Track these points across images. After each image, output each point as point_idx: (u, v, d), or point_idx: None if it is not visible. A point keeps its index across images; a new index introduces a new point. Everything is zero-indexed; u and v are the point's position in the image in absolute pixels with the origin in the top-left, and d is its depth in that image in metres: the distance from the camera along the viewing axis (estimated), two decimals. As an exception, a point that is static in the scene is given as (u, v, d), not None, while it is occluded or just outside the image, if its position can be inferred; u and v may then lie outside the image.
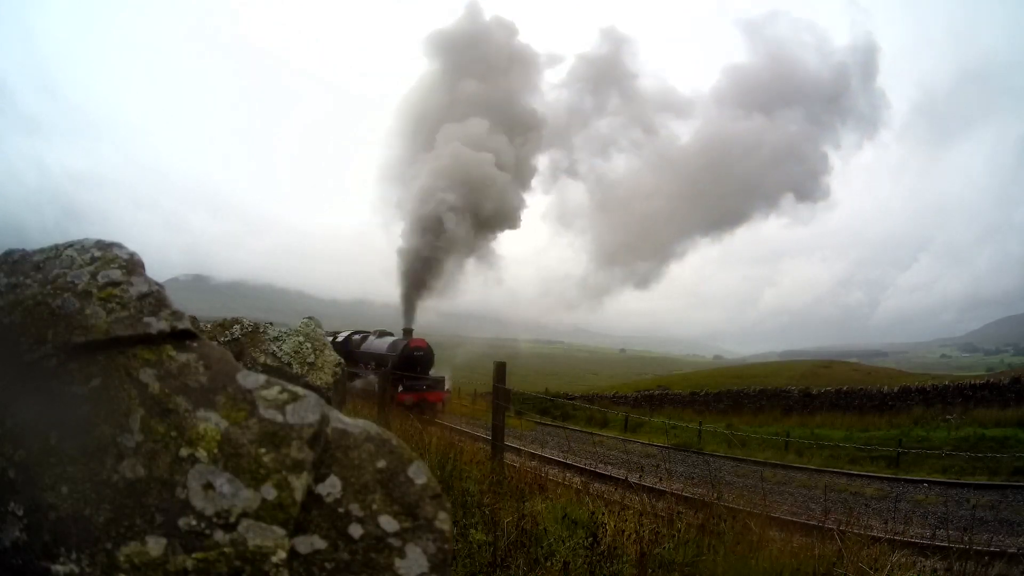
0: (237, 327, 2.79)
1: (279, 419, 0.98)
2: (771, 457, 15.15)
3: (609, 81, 46.30)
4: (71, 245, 1.15)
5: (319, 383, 2.77)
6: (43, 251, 1.15)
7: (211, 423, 0.97)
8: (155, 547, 0.90)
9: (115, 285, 1.07)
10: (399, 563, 0.93)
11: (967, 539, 4.18)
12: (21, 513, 0.94)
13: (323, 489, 0.96)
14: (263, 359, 2.70)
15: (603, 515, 3.87)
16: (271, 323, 2.93)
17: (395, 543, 0.95)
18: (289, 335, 2.86)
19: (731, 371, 48.76)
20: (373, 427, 1.04)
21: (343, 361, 3.07)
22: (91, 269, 1.09)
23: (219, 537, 0.90)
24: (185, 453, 0.95)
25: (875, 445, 15.07)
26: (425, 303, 28.03)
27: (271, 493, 0.93)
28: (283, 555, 0.90)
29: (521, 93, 35.75)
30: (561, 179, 43.18)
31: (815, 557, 3.47)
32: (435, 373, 22.04)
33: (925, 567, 4.23)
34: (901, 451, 14.33)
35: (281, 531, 0.91)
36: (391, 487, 0.98)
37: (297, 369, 2.77)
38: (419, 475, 1.00)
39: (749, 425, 20.69)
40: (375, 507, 0.96)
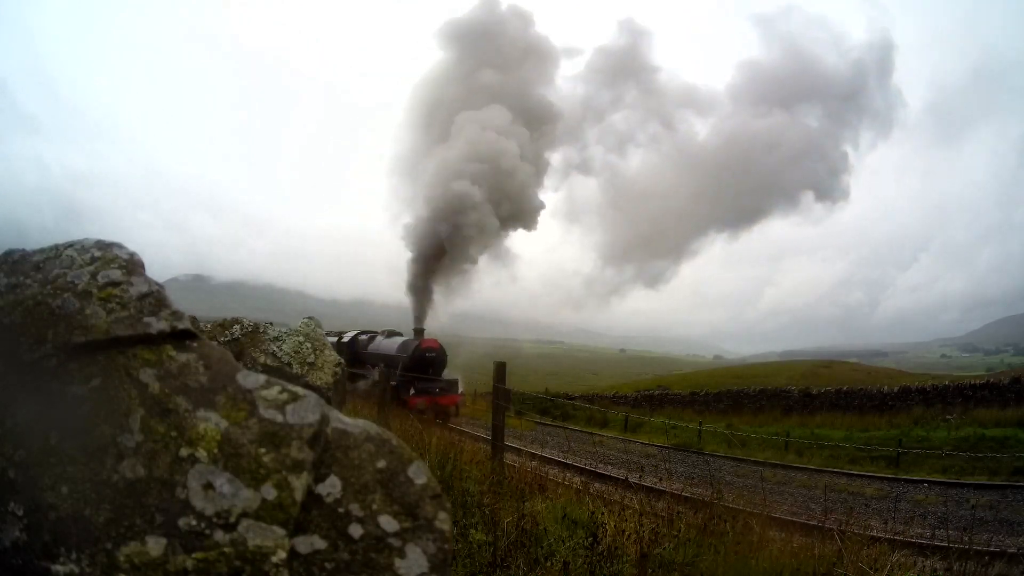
0: (237, 327, 2.78)
1: (279, 419, 0.98)
2: (771, 457, 15.13)
3: (627, 74, 45.35)
4: (71, 245, 1.14)
5: (319, 383, 2.76)
6: (43, 251, 1.15)
7: (211, 423, 0.97)
8: (155, 547, 0.90)
9: (115, 285, 1.07)
10: (399, 563, 0.93)
11: (967, 539, 4.18)
12: (21, 513, 0.94)
13: (323, 489, 0.96)
14: (263, 359, 2.70)
15: (603, 515, 3.87)
16: (271, 323, 2.92)
17: (395, 543, 0.94)
18: (289, 335, 2.86)
19: (731, 371, 48.81)
20: (373, 427, 1.04)
21: (343, 361, 3.07)
22: (91, 269, 1.09)
23: (219, 537, 0.90)
24: (185, 453, 0.95)
25: (875, 445, 15.06)
26: (436, 300, 25.95)
27: (271, 493, 0.93)
28: (283, 555, 0.90)
29: (536, 85, 34.38)
30: (572, 175, 42.26)
31: (815, 557, 3.47)
32: (446, 375, 20.65)
33: (925, 567, 4.23)
34: (901, 451, 14.33)
35: (281, 531, 0.91)
36: (391, 487, 0.98)
37: (297, 369, 2.76)
38: (419, 475, 1.00)
39: (749, 425, 20.68)
40: (375, 507, 0.96)
